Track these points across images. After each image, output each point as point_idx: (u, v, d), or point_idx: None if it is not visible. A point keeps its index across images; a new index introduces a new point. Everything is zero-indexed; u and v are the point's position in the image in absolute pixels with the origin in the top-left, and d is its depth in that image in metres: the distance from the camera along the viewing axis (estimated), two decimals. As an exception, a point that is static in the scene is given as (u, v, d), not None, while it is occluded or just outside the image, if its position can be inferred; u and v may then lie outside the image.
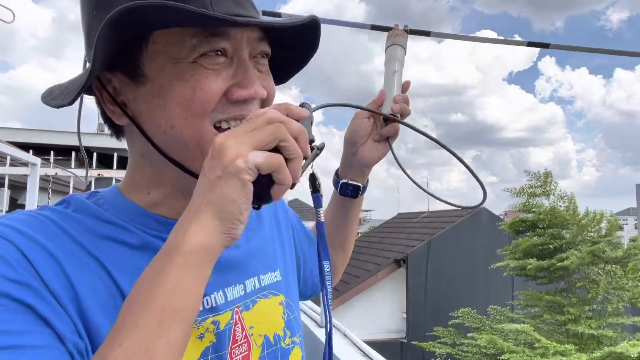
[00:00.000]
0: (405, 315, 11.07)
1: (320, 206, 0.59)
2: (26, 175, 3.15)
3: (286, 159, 0.48)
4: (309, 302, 2.86)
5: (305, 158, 0.51)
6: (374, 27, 1.01)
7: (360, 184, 0.91)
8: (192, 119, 0.55)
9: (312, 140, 0.55)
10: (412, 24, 0.97)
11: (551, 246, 7.92)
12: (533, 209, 8.51)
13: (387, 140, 0.88)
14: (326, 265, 0.65)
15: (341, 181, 0.91)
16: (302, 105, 0.57)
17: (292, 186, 0.50)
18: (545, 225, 8.30)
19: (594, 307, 7.45)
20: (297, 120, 0.51)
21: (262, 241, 0.74)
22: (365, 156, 0.87)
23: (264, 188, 0.48)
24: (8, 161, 3.19)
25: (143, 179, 0.62)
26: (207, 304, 0.60)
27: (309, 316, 2.62)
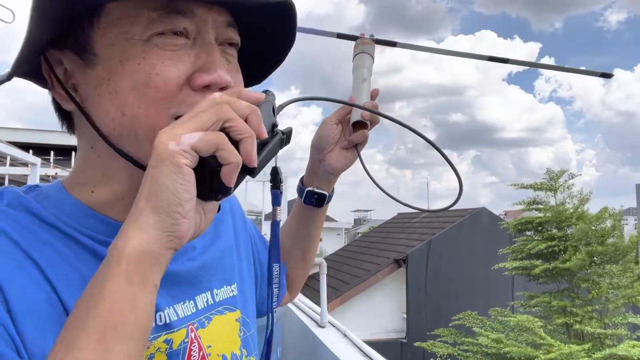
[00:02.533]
0: (405, 315, 11.06)
1: (279, 204, 0.54)
2: (26, 175, 3.15)
3: (236, 141, 0.42)
4: (309, 302, 2.86)
5: (266, 142, 0.47)
6: (340, 36, 1.00)
7: (326, 192, 0.87)
8: (147, 108, 0.48)
9: (274, 125, 0.49)
10: (411, 25, 0.96)
11: (556, 248, 7.90)
12: (539, 207, 8.46)
13: (356, 147, 0.85)
14: (275, 268, 0.59)
15: (306, 189, 0.86)
16: (264, 92, 0.51)
17: (252, 173, 0.44)
18: (553, 227, 8.26)
19: (596, 307, 7.46)
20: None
21: (218, 253, 0.68)
22: (332, 163, 0.84)
23: (213, 174, 0.42)
24: (8, 161, 3.19)
25: (90, 175, 0.54)
26: (160, 320, 0.53)
27: (308, 316, 2.62)
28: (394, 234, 13.84)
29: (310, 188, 0.87)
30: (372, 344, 2.27)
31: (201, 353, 0.57)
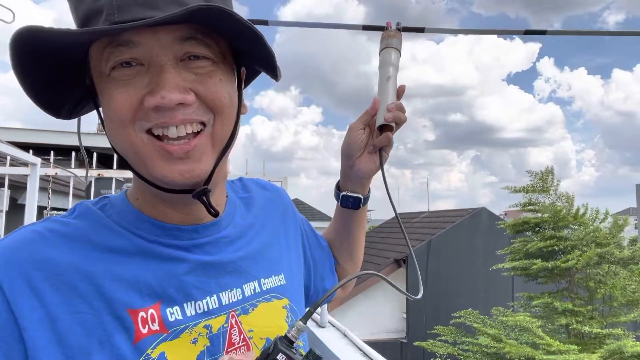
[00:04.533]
0: (405, 315, 11.07)
1: None
2: (26, 175, 3.15)
3: None
4: (309, 302, 2.85)
5: None
6: (366, 27, 0.97)
7: (360, 195, 0.89)
8: (116, 130, 0.55)
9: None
10: (409, 25, 0.93)
11: (555, 247, 7.91)
12: (534, 207, 8.51)
13: (380, 151, 0.85)
14: None
15: (341, 194, 0.89)
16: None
17: None
18: (549, 227, 8.28)
19: (597, 307, 7.47)
20: None
21: (264, 245, 0.72)
22: (362, 168, 0.85)
23: None
24: (8, 161, 3.19)
25: (135, 186, 0.63)
26: (199, 309, 0.59)
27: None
28: (394, 234, 13.83)
29: (345, 192, 0.89)
30: (372, 344, 2.27)
31: (242, 336, 0.62)
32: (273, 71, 0.61)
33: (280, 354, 0.49)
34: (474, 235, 11.79)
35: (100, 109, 0.58)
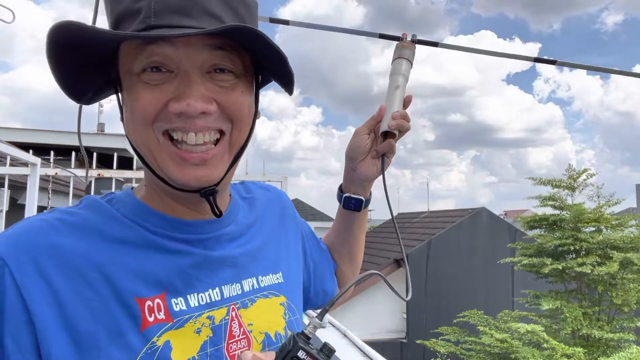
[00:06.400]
0: (405, 315, 11.06)
1: None
2: (26, 175, 3.15)
3: None
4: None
5: None
6: (382, 36, 1.01)
7: (362, 197, 0.92)
8: (137, 127, 0.57)
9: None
10: (409, 26, 0.97)
11: (571, 247, 7.74)
12: (555, 203, 8.29)
13: (382, 157, 0.87)
14: None
15: (344, 195, 0.92)
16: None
17: None
18: (569, 225, 8.07)
19: (603, 309, 7.38)
20: None
21: (262, 244, 0.74)
22: (364, 171, 0.88)
23: None
24: (8, 161, 3.19)
25: (146, 179, 0.66)
26: (202, 300, 0.61)
27: (308, 316, 2.63)
28: (394, 234, 13.83)
29: (347, 194, 0.92)
30: (372, 344, 2.27)
31: (242, 329, 0.64)
32: (289, 87, 0.64)
33: (301, 350, 0.49)
34: (474, 235, 11.78)
35: (121, 98, 0.61)
